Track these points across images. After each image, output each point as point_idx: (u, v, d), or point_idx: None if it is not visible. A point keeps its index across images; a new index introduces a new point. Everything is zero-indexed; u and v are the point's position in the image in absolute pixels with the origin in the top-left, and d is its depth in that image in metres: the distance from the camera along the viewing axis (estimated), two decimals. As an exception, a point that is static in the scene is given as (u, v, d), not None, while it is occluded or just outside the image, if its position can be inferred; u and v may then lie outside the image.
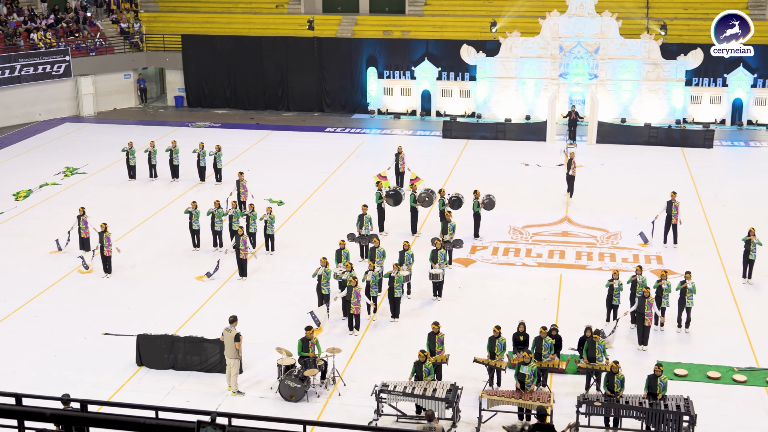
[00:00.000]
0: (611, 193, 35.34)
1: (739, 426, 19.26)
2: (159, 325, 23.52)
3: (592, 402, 18.82)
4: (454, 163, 39.93)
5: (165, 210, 33.58)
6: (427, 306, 25.42)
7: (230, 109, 51.80)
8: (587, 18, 46.06)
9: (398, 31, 50.98)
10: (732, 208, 33.55)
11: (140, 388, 20.93)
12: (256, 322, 23.97)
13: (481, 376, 20.83)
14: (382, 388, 19.34)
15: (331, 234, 29.83)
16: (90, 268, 27.72)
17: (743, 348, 22.80)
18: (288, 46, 50.56)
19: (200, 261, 28.62)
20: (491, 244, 30.10)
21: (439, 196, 30.66)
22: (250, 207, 29.80)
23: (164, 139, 41.30)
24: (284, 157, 41.17)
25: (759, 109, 46.89)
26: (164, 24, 53.50)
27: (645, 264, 27.92)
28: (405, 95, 49.82)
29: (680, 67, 46.08)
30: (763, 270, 27.03)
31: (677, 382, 20.87)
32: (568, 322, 23.33)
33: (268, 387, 20.91)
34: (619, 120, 46.40)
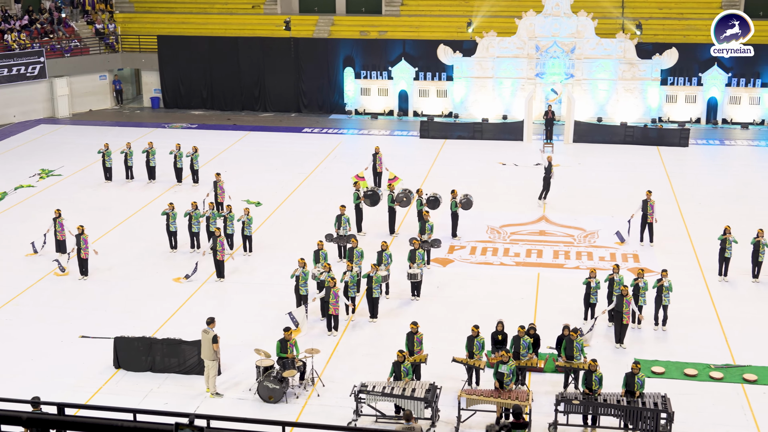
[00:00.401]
0: (588, 192, 35.48)
1: (716, 423, 19.38)
2: (136, 328, 23.42)
3: (571, 400, 18.89)
4: (432, 163, 39.97)
5: (142, 212, 33.42)
6: (405, 306, 25.42)
7: (207, 110, 51.63)
8: (563, 18, 46.23)
9: (375, 32, 50.99)
10: (708, 207, 33.78)
11: (118, 390, 20.81)
12: (234, 323, 23.89)
13: (460, 376, 20.85)
14: (361, 388, 19.32)
15: (308, 235, 29.78)
16: (66, 270, 27.55)
17: (720, 345, 22.94)
18: (264, 46, 50.45)
19: (178, 263, 28.50)
20: (469, 244, 30.15)
21: (417, 196, 30.68)
22: (227, 208, 29.71)
23: (140, 141, 41.10)
24: (261, 157, 41.07)
25: (733, 107, 47.24)
26: (140, 25, 53.27)
27: (622, 262, 28.05)
28: (382, 95, 49.84)
29: (655, 66, 46.35)
30: (739, 268, 27.21)
31: (655, 379, 20.97)
32: (546, 321, 23.41)
33: (246, 388, 20.84)
34: (596, 119, 46.62)
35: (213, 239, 26.87)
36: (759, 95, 46.93)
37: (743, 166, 40.14)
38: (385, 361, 21.01)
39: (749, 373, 21.35)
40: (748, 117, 47.17)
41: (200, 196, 32.57)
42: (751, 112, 47.17)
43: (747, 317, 24.60)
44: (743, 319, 24.50)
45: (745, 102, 47.12)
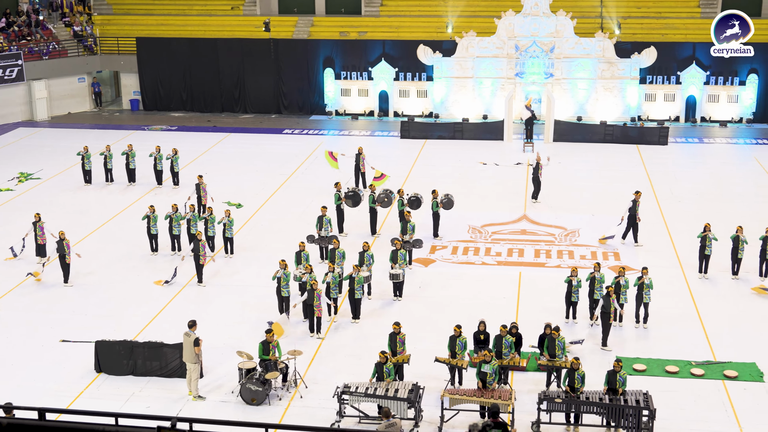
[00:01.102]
0: (569, 191, 35.58)
1: (698, 419, 19.48)
2: (118, 331, 23.30)
3: (553, 399, 18.94)
4: (413, 164, 40.00)
5: (122, 214, 33.27)
6: (387, 306, 25.42)
7: (186, 112, 51.48)
8: (542, 17, 46.37)
9: (355, 32, 50.98)
10: (687, 204, 33.96)
11: (99, 395, 20.70)
12: (216, 325, 23.83)
13: (443, 376, 20.88)
14: (343, 389, 19.31)
15: (290, 236, 29.75)
16: (17, 256, 27.51)
17: (700, 342, 23.06)
18: (244, 47, 50.36)
19: (159, 266, 28.38)
20: (450, 244, 30.19)
21: (398, 196, 30.68)
22: (208, 210, 29.61)
23: (120, 143, 40.94)
24: (242, 159, 40.97)
25: (712, 105, 47.54)
26: (118, 27, 53.05)
27: (603, 260, 28.16)
28: (362, 96, 49.85)
29: (634, 65, 46.57)
30: (719, 265, 27.38)
31: (636, 377, 21.06)
32: (528, 320, 23.45)
33: (229, 391, 20.77)
34: (575, 118, 46.79)
35: (195, 243, 26.76)
36: (737, 93, 47.24)
37: (722, 163, 40.37)
38: (368, 362, 20.99)
39: (730, 370, 21.47)
40: (727, 115, 47.47)
41: (181, 199, 32.49)
42: (730, 110, 47.47)
43: (727, 314, 24.74)
44: (723, 315, 24.63)
45: (724, 100, 47.41)
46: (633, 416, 18.51)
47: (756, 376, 21.24)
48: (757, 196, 35.14)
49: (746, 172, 38.67)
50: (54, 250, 27.01)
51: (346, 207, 31.21)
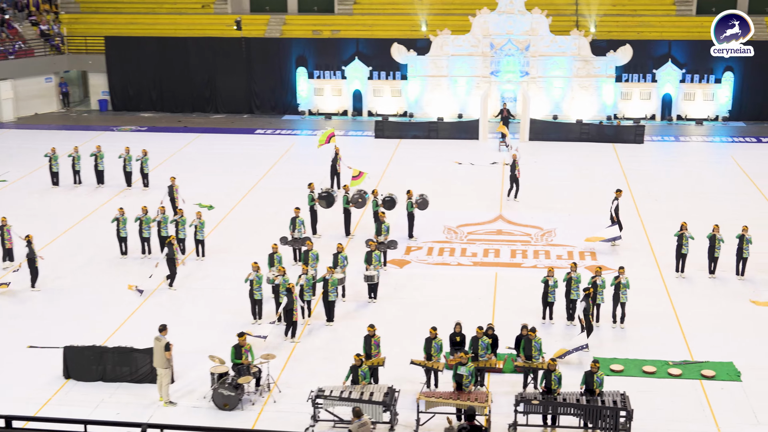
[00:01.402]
0: (545, 190, 35.69)
1: (675, 419, 19.58)
2: (86, 336, 23.11)
3: (530, 401, 18.97)
4: (387, 163, 40.00)
5: (91, 217, 33.03)
6: (362, 308, 25.38)
7: (156, 112, 51.23)
8: (517, 15, 46.51)
9: (328, 31, 50.93)
10: (664, 203, 34.15)
11: (68, 401, 20.51)
12: (188, 330, 23.67)
13: (419, 378, 20.87)
14: (318, 393, 19.25)
15: (262, 238, 29.65)
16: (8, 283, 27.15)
17: (677, 342, 23.18)
18: (215, 46, 50.19)
19: (129, 269, 28.21)
20: (426, 245, 30.20)
21: (372, 196, 30.67)
22: (179, 212, 29.47)
23: (88, 144, 40.67)
24: (213, 160, 40.82)
25: (688, 104, 47.88)
26: (86, 25, 52.69)
27: (579, 260, 28.24)
28: (336, 95, 49.80)
29: (610, 63, 46.81)
30: (696, 264, 27.55)
31: (613, 377, 21.13)
32: (505, 321, 23.48)
33: (201, 396, 20.66)
34: (551, 117, 46.96)
35: (169, 247, 26.57)
36: (713, 91, 47.63)
37: (698, 162, 40.64)
38: (343, 365, 20.96)
39: (707, 369, 21.59)
40: (703, 113, 47.82)
41: (150, 200, 32.32)
42: (706, 108, 47.82)
43: (704, 313, 24.87)
44: (701, 315, 24.77)
45: (699, 98, 47.76)
46: (610, 417, 18.58)
47: (733, 376, 21.37)
48: (734, 194, 35.40)
49: (722, 171, 38.96)
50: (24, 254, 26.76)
51: (319, 208, 31.15)
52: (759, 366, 21.79)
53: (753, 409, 19.89)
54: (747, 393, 20.59)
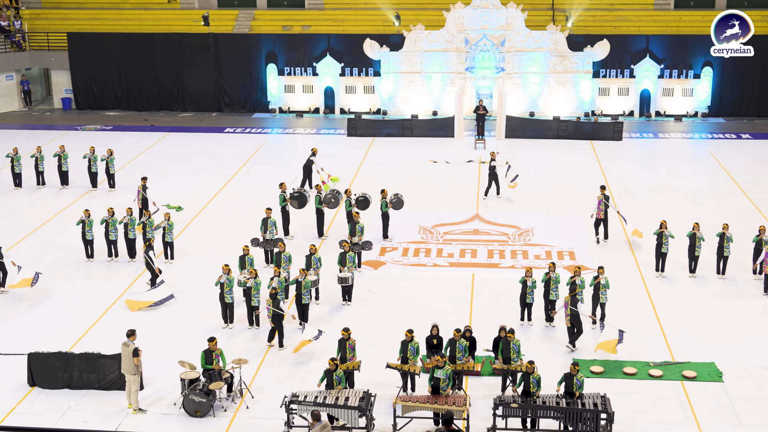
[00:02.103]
0: (522, 189, 35.78)
1: (657, 421, 19.72)
2: (52, 342, 22.99)
3: (509, 404, 19.03)
4: (360, 162, 40.01)
5: (55, 219, 32.82)
6: (336, 311, 25.39)
7: (122, 111, 50.98)
8: (492, 10, 46.65)
9: (298, 26, 50.86)
10: (643, 201, 34.38)
11: (33, 410, 20.35)
12: (157, 334, 23.60)
13: (395, 382, 20.90)
14: (292, 398, 19.24)
15: (233, 239, 29.60)
16: None
17: (658, 342, 23.35)
18: (182, 42, 50.00)
19: (95, 272, 28.06)
20: (401, 245, 30.24)
21: (346, 196, 30.65)
22: (146, 214, 29.34)
23: (52, 144, 40.42)
24: (182, 160, 40.67)
25: (666, 99, 48.22)
26: (48, 21, 52.34)
27: (558, 260, 28.39)
28: (307, 92, 49.76)
29: (587, 58, 47.05)
30: (676, 262, 27.77)
31: (593, 379, 21.26)
32: (482, 323, 23.55)
33: (171, 403, 20.58)
34: (528, 114, 47.15)
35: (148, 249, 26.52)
36: (691, 87, 47.99)
37: (677, 159, 40.96)
38: (317, 370, 20.98)
39: (688, 370, 21.76)
40: (682, 109, 48.19)
41: (117, 202, 32.20)
42: (685, 104, 48.19)
43: (685, 313, 25.06)
44: (681, 315, 24.96)
45: (678, 94, 48.12)
46: (591, 420, 18.68)
47: (715, 376, 21.55)
48: (714, 192, 35.70)
49: (702, 168, 39.27)
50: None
51: (291, 208, 31.11)
52: (741, 366, 21.99)
53: (735, 411, 20.07)
54: (729, 394, 20.77)
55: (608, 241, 30.19)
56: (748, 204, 34.04)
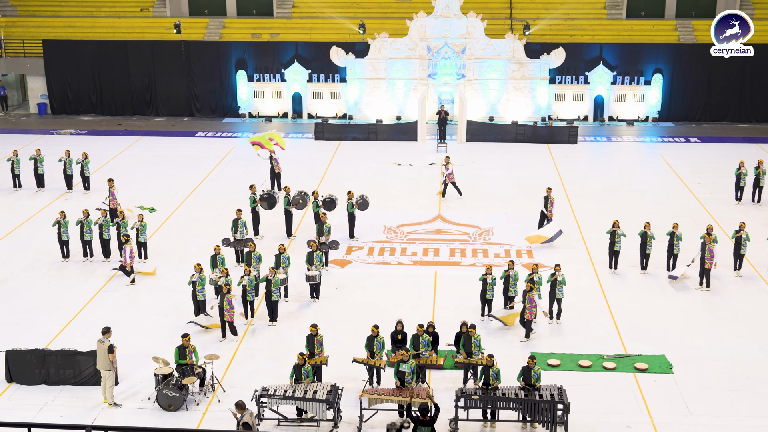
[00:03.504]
0: (482, 191, 35.96)
1: (611, 411, 19.88)
2: (29, 340, 22.78)
3: (470, 396, 19.13)
4: (327, 165, 39.98)
5: (31, 221, 32.51)
6: (304, 308, 25.36)
7: (97, 116, 50.57)
8: (453, 19, 46.79)
9: (267, 34, 50.73)
10: (597, 202, 34.63)
11: (10, 405, 20.17)
12: (131, 331, 23.46)
13: (361, 376, 20.93)
14: (262, 392, 19.21)
15: (205, 239, 29.49)
16: None
17: (612, 336, 23.54)
18: (155, 50, 49.69)
19: (70, 272, 27.84)
20: (366, 245, 30.26)
21: (313, 198, 30.64)
22: (120, 214, 29.16)
23: (28, 148, 40.06)
24: (154, 163, 40.42)
25: (619, 105, 48.60)
26: (24, 29, 51.80)
27: (516, 258, 28.53)
28: (276, 98, 49.65)
29: (544, 65, 47.30)
30: (628, 260, 28.01)
31: (550, 372, 21.40)
32: (444, 319, 23.66)
33: (145, 397, 20.47)
34: (487, 118, 47.32)
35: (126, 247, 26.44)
36: (643, 93, 48.40)
37: (630, 161, 41.29)
38: (286, 365, 20.96)
39: (640, 362, 21.96)
40: (633, 114, 48.58)
41: (92, 204, 31.92)
42: (636, 109, 48.59)
43: (637, 308, 25.29)
44: (633, 310, 25.18)
45: (630, 99, 48.51)
46: (548, 410, 18.81)
47: (665, 368, 21.76)
48: (664, 192, 36.02)
49: (653, 170, 39.61)
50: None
51: (261, 209, 31.04)
52: (690, 358, 22.22)
53: (685, 401, 20.28)
54: (679, 385, 20.99)
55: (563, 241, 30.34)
56: (696, 204, 34.40)
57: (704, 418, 19.62)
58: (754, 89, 48.30)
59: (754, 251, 28.32)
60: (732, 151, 41.62)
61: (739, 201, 34.36)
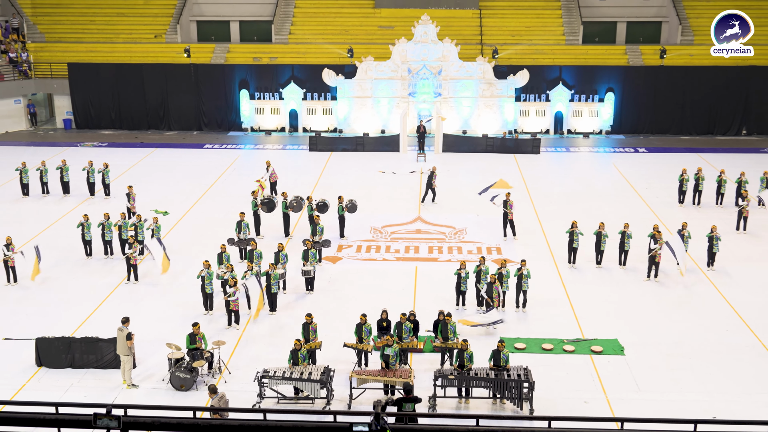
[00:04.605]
0: (456, 195, 35.95)
1: (570, 389, 19.91)
2: (56, 328, 22.66)
3: (447, 376, 19.13)
4: (320, 173, 39.90)
5: (58, 223, 32.32)
6: (300, 299, 25.30)
7: (116, 130, 50.33)
8: (431, 44, 46.79)
9: (266, 58, 50.61)
10: (558, 205, 34.67)
11: (40, 387, 20.06)
12: (147, 321, 23.35)
13: (351, 359, 20.90)
14: (263, 374, 19.15)
15: (212, 239, 29.38)
16: None
17: (570, 323, 23.58)
18: (167, 71, 49.51)
19: (92, 269, 27.68)
20: (355, 243, 30.21)
21: (308, 202, 30.58)
22: (137, 217, 29.04)
23: (55, 159, 39.82)
24: (167, 172, 40.25)
25: (576, 119, 48.72)
26: (51, 53, 51.53)
27: (487, 255, 28.54)
28: (275, 114, 49.53)
29: (510, 85, 47.36)
30: (585, 256, 28.07)
31: (517, 354, 21.43)
32: (424, 308, 23.65)
33: (160, 379, 20.38)
34: (461, 132, 47.34)
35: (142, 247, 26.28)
36: (597, 109, 48.54)
37: (586, 169, 41.37)
38: (284, 349, 20.90)
39: (596, 345, 22.01)
40: (589, 127, 48.71)
41: (112, 208, 31.79)
42: (591, 123, 48.74)
43: (592, 298, 25.34)
44: (589, 299, 25.23)
45: (586, 115, 48.64)
46: (515, 388, 18.83)
47: (618, 350, 21.82)
48: (616, 196, 36.11)
49: (606, 177, 39.70)
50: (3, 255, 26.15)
51: (262, 212, 30.97)
52: (639, 342, 22.29)
53: (635, 379, 20.34)
54: (629, 365, 21.05)
55: (529, 239, 30.40)
56: (644, 206, 34.51)
57: (652, 394, 19.69)
58: (693, 106, 48.50)
59: (695, 247, 28.45)
60: (675, 160, 41.77)
61: (681, 203, 34.52)
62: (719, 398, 19.41)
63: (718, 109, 48.49)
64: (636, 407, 18.94)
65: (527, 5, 53.05)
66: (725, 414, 18.46)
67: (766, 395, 19.58)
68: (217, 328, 23.10)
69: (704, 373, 20.64)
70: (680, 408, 18.81)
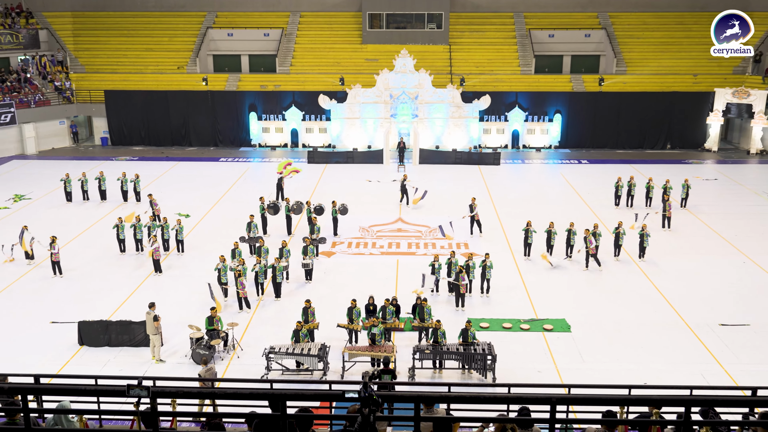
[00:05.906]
0: (431, 200, 35.94)
1: (527, 361, 19.97)
2: (95, 313, 22.51)
3: (423, 350, 19.14)
4: (317, 182, 39.82)
5: (96, 225, 32.10)
6: (301, 288, 25.24)
7: (145, 146, 50.00)
8: (409, 74, 46.77)
9: (272, 85, 50.46)
10: (515, 208, 34.73)
11: (82, 362, 19.93)
12: (171, 306, 23.22)
13: (343, 337, 20.87)
14: (270, 350, 19.10)
15: (226, 237, 29.26)
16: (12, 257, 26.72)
17: (526, 306, 23.65)
18: (188, 97, 49.25)
19: (126, 263, 27.51)
20: (347, 240, 30.16)
21: (307, 206, 30.52)
22: (163, 219, 28.90)
23: (93, 170, 39.49)
24: (188, 181, 40.04)
25: (530, 136, 48.83)
26: (90, 82, 51.15)
27: (457, 249, 28.55)
28: (278, 132, 49.36)
29: (475, 108, 47.38)
30: (538, 250, 28.15)
31: (482, 332, 21.47)
32: (404, 295, 23.64)
33: (183, 355, 20.28)
34: (434, 147, 47.36)
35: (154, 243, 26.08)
36: (547, 127, 48.65)
37: (538, 178, 41.46)
38: (287, 329, 20.85)
39: (548, 324, 22.10)
40: (541, 143, 48.82)
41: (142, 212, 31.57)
42: (542, 139, 48.84)
43: (544, 284, 25.42)
44: (542, 285, 25.31)
45: (538, 132, 48.75)
46: (481, 360, 18.86)
47: (565, 328, 21.91)
48: (564, 201, 36.16)
49: (555, 184, 39.80)
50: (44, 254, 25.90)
51: (268, 215, 30.88)
52: (583, 322, 22.39)
53: (579, 352, 20.42)
54: (575, 340, 21.13)
55: (491, 236, 30.45)
56: (586, 208, 34.64)
57: (594, 364, 19.76)
58: (627, 125, 48.66)
59: (629, 242, 28.59)
60: (611, 170, 41.91)
61: (617, 206, 34.68)
62: (650, 367, 19.51)
63: (647, 127, 48.72)
64: (581, 375, 19.01)
65: (489, 42, 53.16)
66: (655, 380, 18.56)
67: (688, 364, 19.71)
68: (231, 312, 23.01)
69: (637, 347, 20.75)
70: (617, 376, 18.89)
